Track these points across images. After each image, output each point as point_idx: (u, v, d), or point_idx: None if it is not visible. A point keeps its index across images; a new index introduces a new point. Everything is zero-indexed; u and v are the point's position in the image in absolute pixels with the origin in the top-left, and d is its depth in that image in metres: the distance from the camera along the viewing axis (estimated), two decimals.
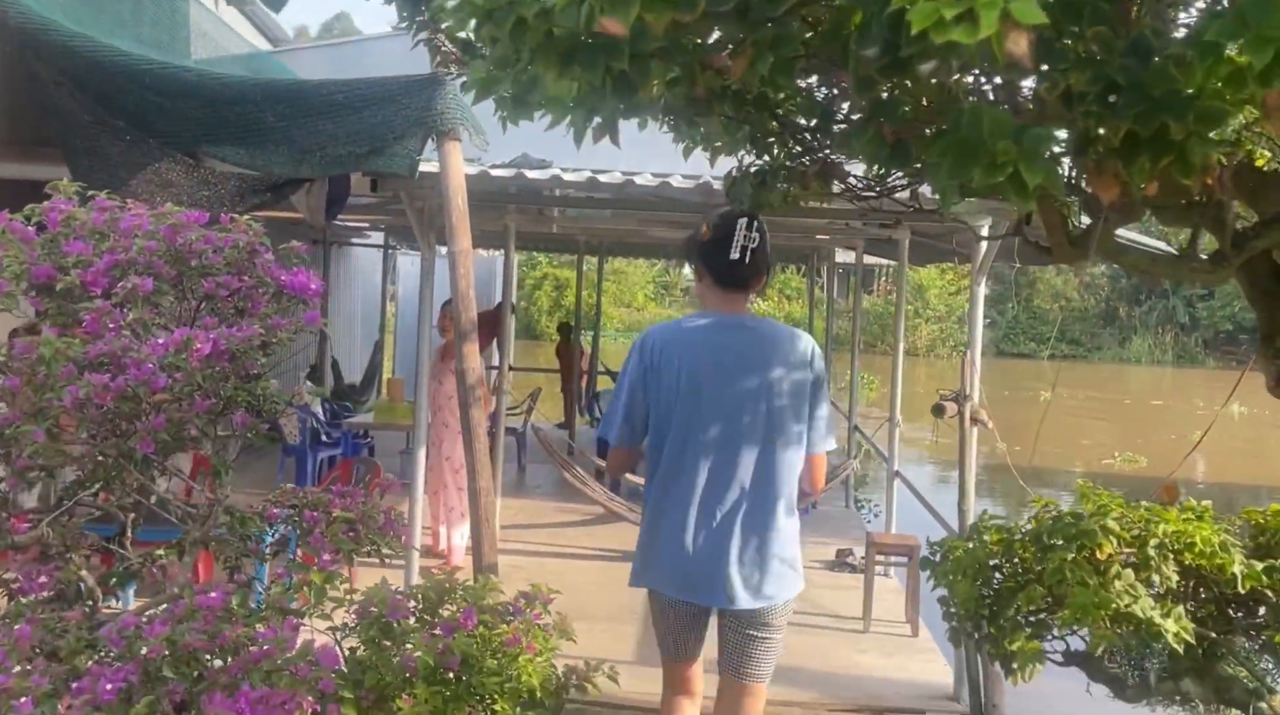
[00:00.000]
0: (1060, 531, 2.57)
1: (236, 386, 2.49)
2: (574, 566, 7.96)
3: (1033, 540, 2.69)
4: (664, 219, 10.42)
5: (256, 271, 2.71)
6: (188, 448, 2.58)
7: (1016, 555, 2.72)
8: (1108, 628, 2.36)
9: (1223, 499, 14.54)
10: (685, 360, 3.05)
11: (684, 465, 3.06)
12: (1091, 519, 2.55)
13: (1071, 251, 2.00)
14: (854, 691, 5.69)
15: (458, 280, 3.73)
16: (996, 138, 1.20)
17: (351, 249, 15.63)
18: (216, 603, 2.26)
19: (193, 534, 2.57)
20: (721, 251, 3.05)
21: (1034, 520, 2.83)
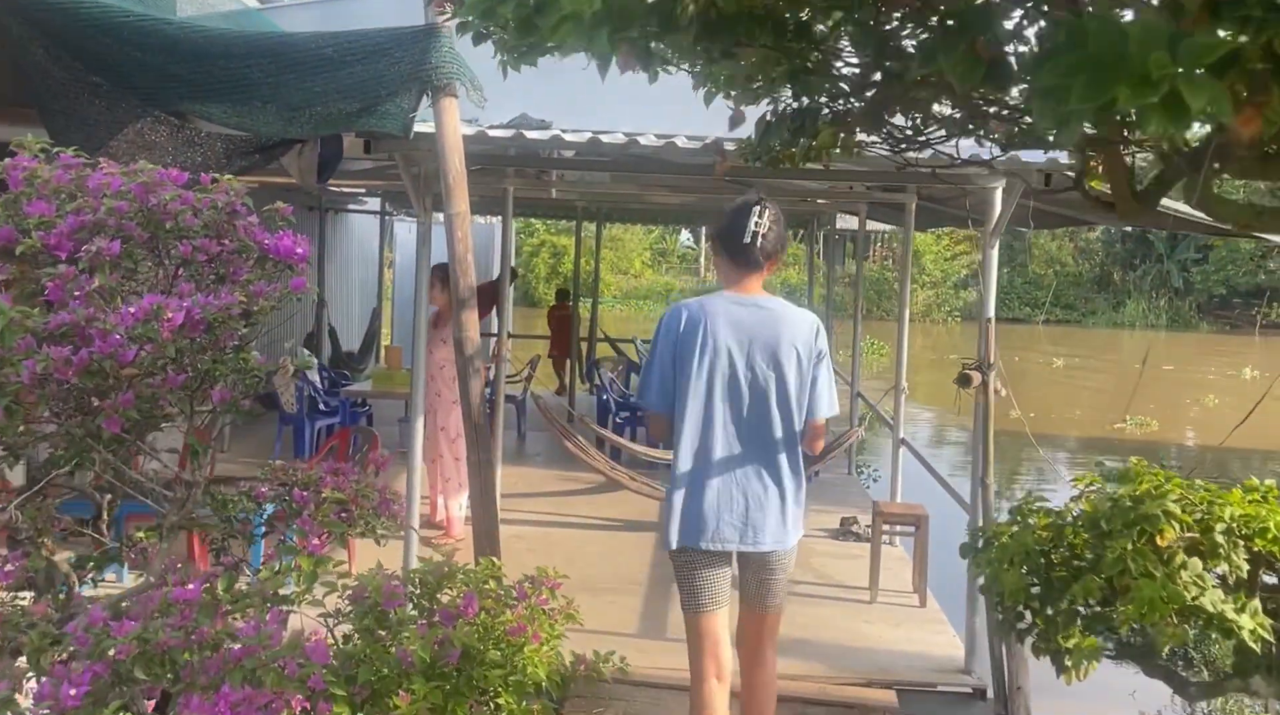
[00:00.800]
0: (1119, 516, 2.38)
1: (215, 359, 2.30)
2: (576, 536, 7.83)
3: (1088, 525, 2.49)
4: (667, 183, 10.20)
5: (238, 234, 2.51)
6: (162, 426, 2.39)
7: (1067, 541, 2.53)
8: (1175, 624, 2.18)
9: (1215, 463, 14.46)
10: (708, 335, 3.45)
11: (706, 430, 3.47)
12: (1152, 502, 2.36)
13: (1135, 206, 1.81)
14: (863, 664, 5.56)
15: (455, 245, 3.53)
16: (1148, 49, 0.98)
17: (348, 216, 15.39)
18: (193, 595, 2.09)
19: (170, 517, 2.39)
20: (736, 235, 3.48)
21: (1083, 501, 2.63)
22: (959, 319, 36.06)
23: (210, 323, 2.21)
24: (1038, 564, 2.47)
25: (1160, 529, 2.27)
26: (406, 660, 2.24)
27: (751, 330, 3.46)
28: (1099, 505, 2.48)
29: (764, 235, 3.48)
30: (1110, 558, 2.29)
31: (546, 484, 9.40)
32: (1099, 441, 15.70)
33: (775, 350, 3.45)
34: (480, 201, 14.00)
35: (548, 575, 2.74)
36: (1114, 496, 2.45)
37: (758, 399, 3.45)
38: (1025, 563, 2.46)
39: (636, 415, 11.04)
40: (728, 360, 3.44)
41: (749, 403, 3.45)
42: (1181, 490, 2.46)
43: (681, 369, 3.47)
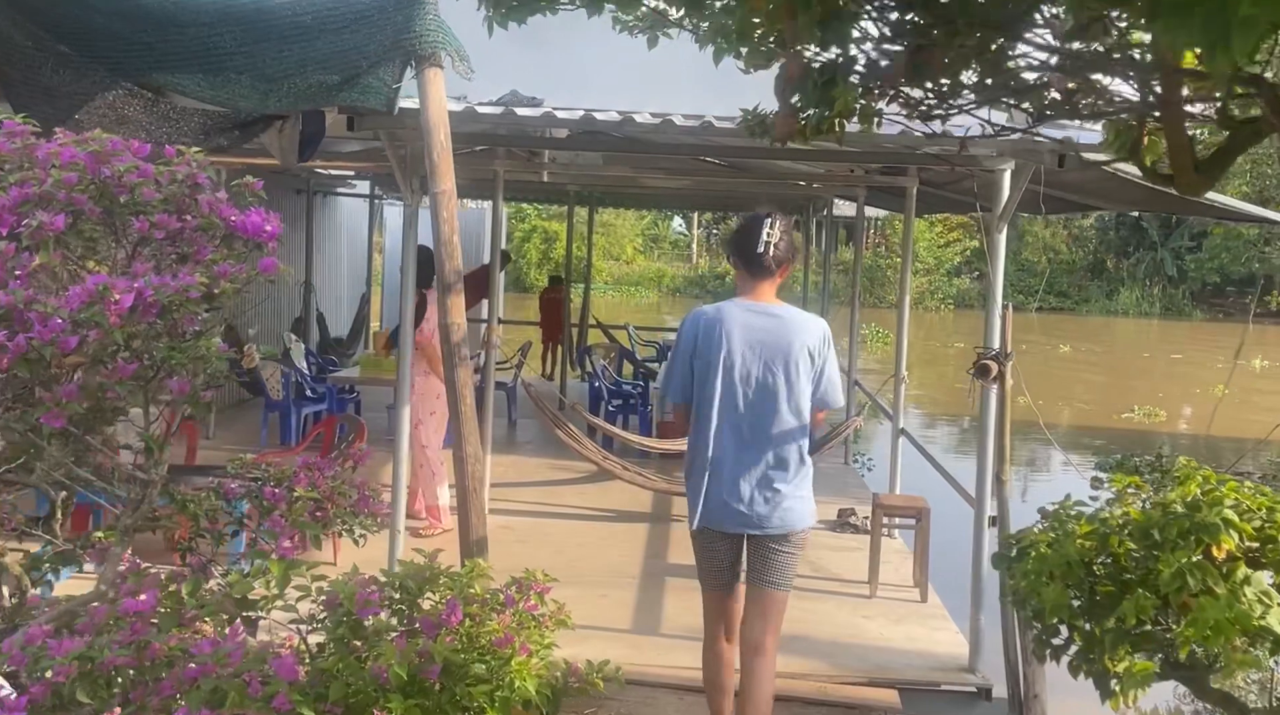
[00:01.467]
0: (1174, 525, 2.18)
1: (171, 347, 2.10)
2: (566, 527, 7.65)
3: (1137, 535, 2.29)
4: (661, 166, 9.99)
5: (201, 210, 2.31)
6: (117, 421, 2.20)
7: (1110, 551, 2.33)
8: (1243, 647, 1.99)
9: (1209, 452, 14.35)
10: (723, 339, 3.77)
11: (721, 425, 3.79)
12: (1209, 509, 2.16)
13: (1196, 179, 1.62)
14: (863, 662, 5.39)
15: (440, 226, 3.33)
16: None
17: (337, 199, 15.14)
18: (146, 606, 1.90)
19: (124, 519, 2.20)
20: (750, 245, 3.80)
21: (1122, 504, 2.43)
22: (951, 306, 35.96)
23: (165, 306, 2.01)
24: (1079, 577, 2.27)
25: (1218, 539, 2.08)
26: (383, 677, 2.05)
27: (763, 336, 3.78)
28: (1150, 513, 2.28)
29: (775, 245, 3.80)
30: (1167, 573, 2.08)
31: (537, 473, 9.21)
32: (1113, 431, 15.56)
33: (786, 354, 3.77)
34: (470, 184, 13.80)
35: (536, 578, 2.55)
36: (1164, 501, 2.26)
37: (768, 397, 3.77)
38: (1066, 576, 2.26)
39: (629, 402, 10.86)
40: (742, 362, 3.77)
41: (760, 401, 3.77)
42: (1236, 494, 2.27)
43: (700, 369, 3.81)
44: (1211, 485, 2.34)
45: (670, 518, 7.92)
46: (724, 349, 3.75)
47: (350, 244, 15.90)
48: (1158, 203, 6.79)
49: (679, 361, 3.86)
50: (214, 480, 2.62)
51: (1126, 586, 2.20)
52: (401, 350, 5.41)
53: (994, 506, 5.05)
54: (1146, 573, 2.18)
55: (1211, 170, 1.62)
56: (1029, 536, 2.49)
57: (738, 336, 3.75)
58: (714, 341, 3.75)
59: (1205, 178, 1.62)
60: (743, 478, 3.75)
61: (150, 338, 2.05)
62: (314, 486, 2.52)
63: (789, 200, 15.07)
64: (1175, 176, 1.66)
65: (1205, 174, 1.62)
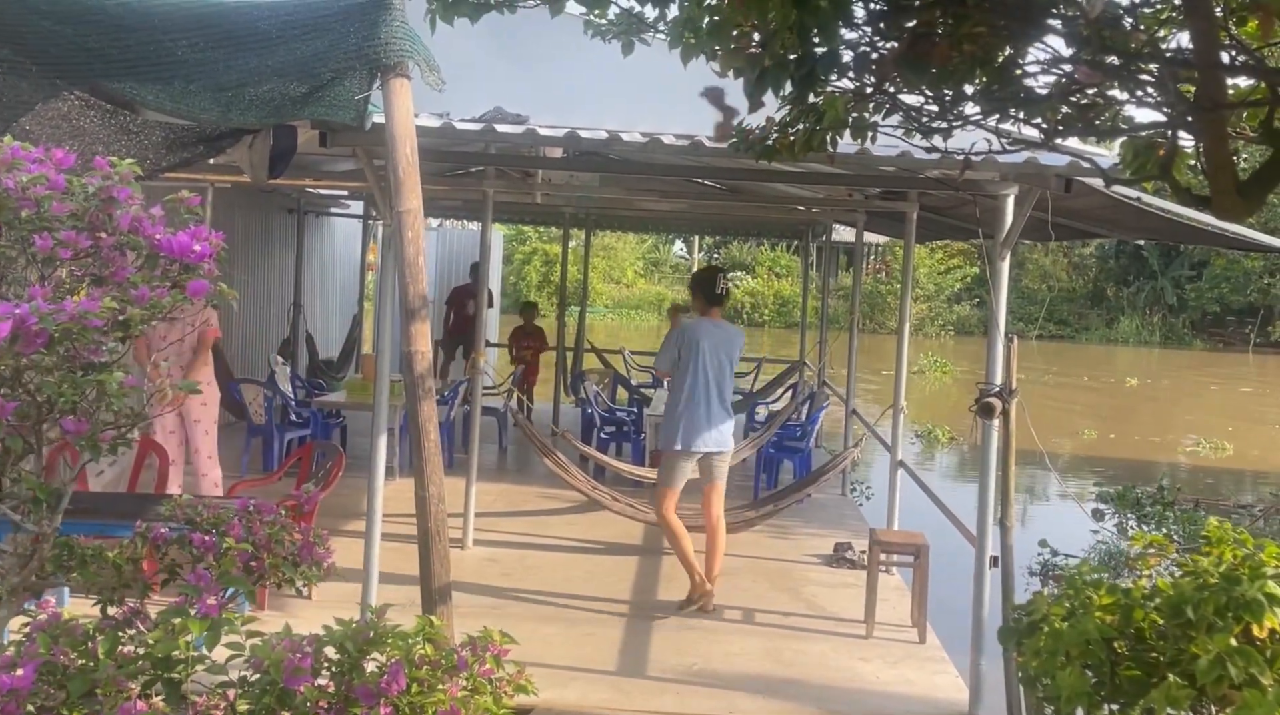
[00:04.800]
0: (1210, 601, 1.91)
1: (63, 380, 1.87)
2: (553, 560, 7.40)
3: (1167, 611, 2.02)
4: (655, 188, 9.80)
5: (118, 227, 2.08)
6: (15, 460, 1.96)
7: (1135, 626, 2.06)
8: None
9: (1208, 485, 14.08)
10: (699, 338, 6.31)
11: (696, 386, 6.28)
12: (1250, 583, 1.90)
13: (1237, 202, 1.41)
14: (856, 708, 5.14)
15: (404, 247, 3.10)
16: None
17: (329, 219, 14.96)
18: (24, 684, 1.66)
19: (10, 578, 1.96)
20: (709, 286, 6.46)
21: (1145, 567, 2.17)
22: (952, 333, 35.77)
23: (56, 336, 1.78)
24: (1101, 657, 2.01)
25: (1262, 618, 1.83)
26: None
27: (716, 337, 6.36)
28: (1181, 585, 2.01)
29: (726, 289, 6.51)
30: (1205, 661, 1.82)
31: (526, 502, 8.96)
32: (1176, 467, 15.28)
33: (726, 348, 6.40)
34: (464, 206, 13.64)
35: (493, 639, 2.31)
36: (1196, 569, 2.00)
37: (719, 371, 6.33)
38: (1085, 655, 2.00)
39: (622, 430, 10.62)
40: (707, 351, 6.30)
41: (715, 373, 6.31)
42: (1278, 561, 2.01)
43: (684, 354, 6.31)
44: (1249, 550, 2.08)
45: (661, 551, 7.66)
46: (696, 345, 6.28)
47: (343, 265, 15.72)
48: (1169, 231, 6.58)
49: (672, 348, 6.39)
50: (142, 524, 2.39)
51: (1154, 669, 1.94)
52: (379, 376, 5.19)
53: (996, 546, 4.81)
54: (1178, 654, 1.92)
55: (1254, 192, 1.41)
56: (1040, 607, 2.22)
57: (705, 339, 6.30)
58: (694, 338, 6.30)
59: (1247, 200, 1.41)
60: (709, 417, 6.27)
61: (42, 371, 1.83)
62: (250, 533, 2.29)
63: (787, 225, 14.90)
64: (1214, 198, 1.44)
65: (1247, 196, 1.40)
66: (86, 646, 2.31)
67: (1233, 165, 1.42)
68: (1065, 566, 8.62)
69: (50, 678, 2.24)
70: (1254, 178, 1.43)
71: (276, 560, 2.28)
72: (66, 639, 2.32)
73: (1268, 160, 1.42)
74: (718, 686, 5.28)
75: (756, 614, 6.43)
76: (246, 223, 11.82)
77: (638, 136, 4.64)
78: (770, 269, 39.95)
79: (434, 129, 4.36)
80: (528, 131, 4.53)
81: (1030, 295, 37.52)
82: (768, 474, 9.71)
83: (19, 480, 1.97)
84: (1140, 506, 11.98)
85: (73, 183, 2.05)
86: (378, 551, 5.09)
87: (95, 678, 2.03)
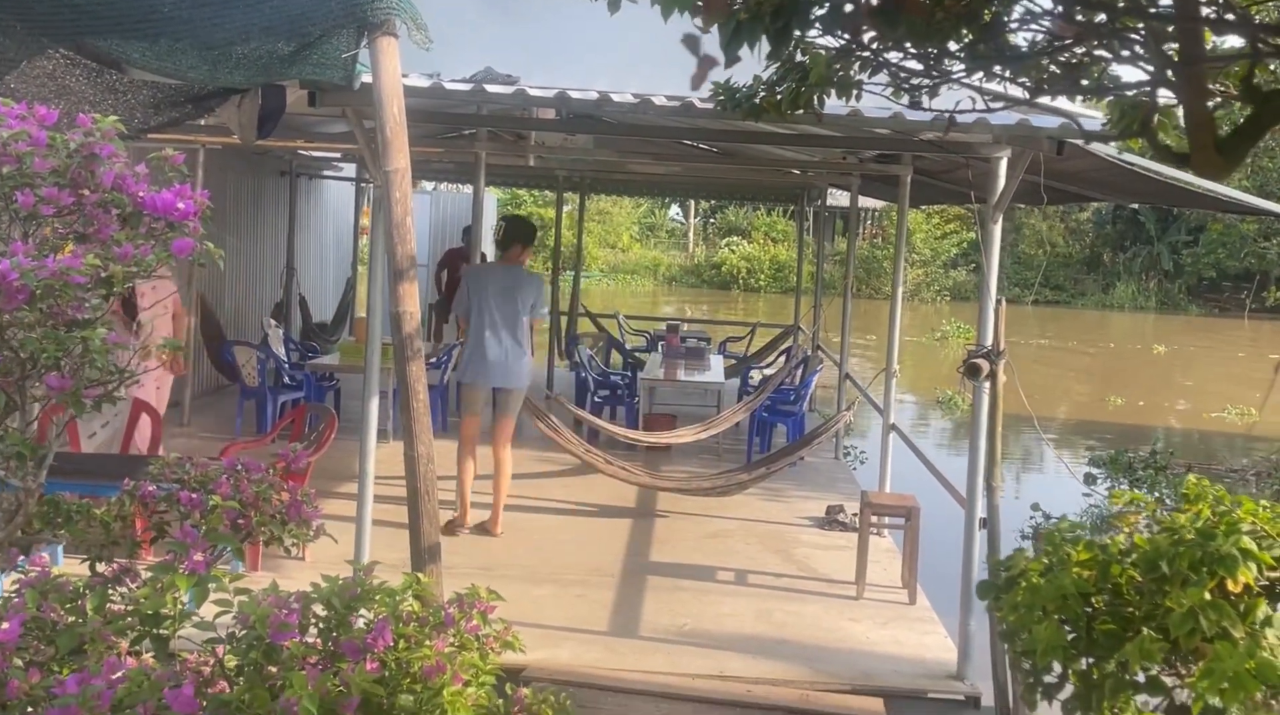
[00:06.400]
0: (1184, 556, 1.93)
1: (45, 337, 1.87)
2: (547, 522, 7.44)
3: (1143, 566, 2.05)
4: (647, 151, 9.75)
5: (100, 184, 2.07)
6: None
7: (1113, 582, 2.08)
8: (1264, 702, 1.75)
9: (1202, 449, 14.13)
10: (485, 282, 6.90)
11: (482, 325, 6.81)
12: (1225, 537, 1.91)
13: (1216, 159, 1.40)
14: (847, 668, 5.18)
15: (393, 207, 3.09)
16: None
17: (322, 182, 14.87)
18: (9, 637, 1.67)
19: None
20: (496, 233, 7.31)
21: (1125, 524, 2.17)
22: (948, 298, 35.75)
23: (38, 292, 1.78)
24: (1077, 612, 2.03)
25: (1236, 573, 1.84)
26: (291, 711, 1.83)
27: (505, 281, 6.90)
28: (1157, 540, 2.03)
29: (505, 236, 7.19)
30: (1178, 614, 1.84)
31: (521, 465, 8.93)
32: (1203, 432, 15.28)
33: (517, 290, 6.85)
34: (457, 169, 13.55)
35: (480, 596, 2.32)
36: (1173, 526, 2.01)
37: (509, 311, 6.81)
38: (1061, 610, 2.02)
39: (616, 393, 10.64)
40: (493, 294, 6.80)
41: (504, 313, 6.80)
42: (1254, 517, 2.03)
43: (471, 298, 6.84)
44: (1226, 506, 2.09)
45: (654, 513, 7.72)
46: (485, 288, 6.82)
47: (337, 228, 15.65)
48: (1162, 194, 6.56)
49: (467, 293, 6.88)
50: (129, 482, 2.40)
51: (1129, 623, 1.96)
52: (370, 334, 5.18)
53: (985, 509, 4.85)
54: (1153, 609, 1.93)
55: (1234, 150, 1.40)
56: (1019, 562, 2.24)
57: (491, 282, 6.87)
58: (481, 284, 6.87)
59: (1227, 158, 1.40)
60: (498, 354, 6.80)
61: (23, 328, 1.83)
62: (238, 492, 2.30)
63: (782, 189, 14.84)
64: (1193, 155, 1.43)
65: (1227, 154, 1.40)
66: (76, 603, 2.32)
67: (1212, 122, 1.41)
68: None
69: (39, 633, 2.26)
70: (1233, 134, 1.42)
71: (264, 518, 2.29)
72: (56, 595, 2.34)
73: (1248, 117, 1.42)
74: (709, 647, 5.34)
75: (748, 575, 6.48)
76: (239, 185, 11.75)
77: (629, 97, 4.61)
78: (766, 234, 39.81)
79: (423, 89, 4.32)
80: (517, 92, 4.49)
81: (1027, 260, 37.45)
82: (761, 437, 9.75)
83: (4, 437, 1.98)
84: (1133, 471, 12.06)
85: (55, 139, 2.04)
86: (370, 513, 5.11)
87: (83, 633, 2.04)
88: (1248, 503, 2.08)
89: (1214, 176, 1.53)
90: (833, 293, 15.37)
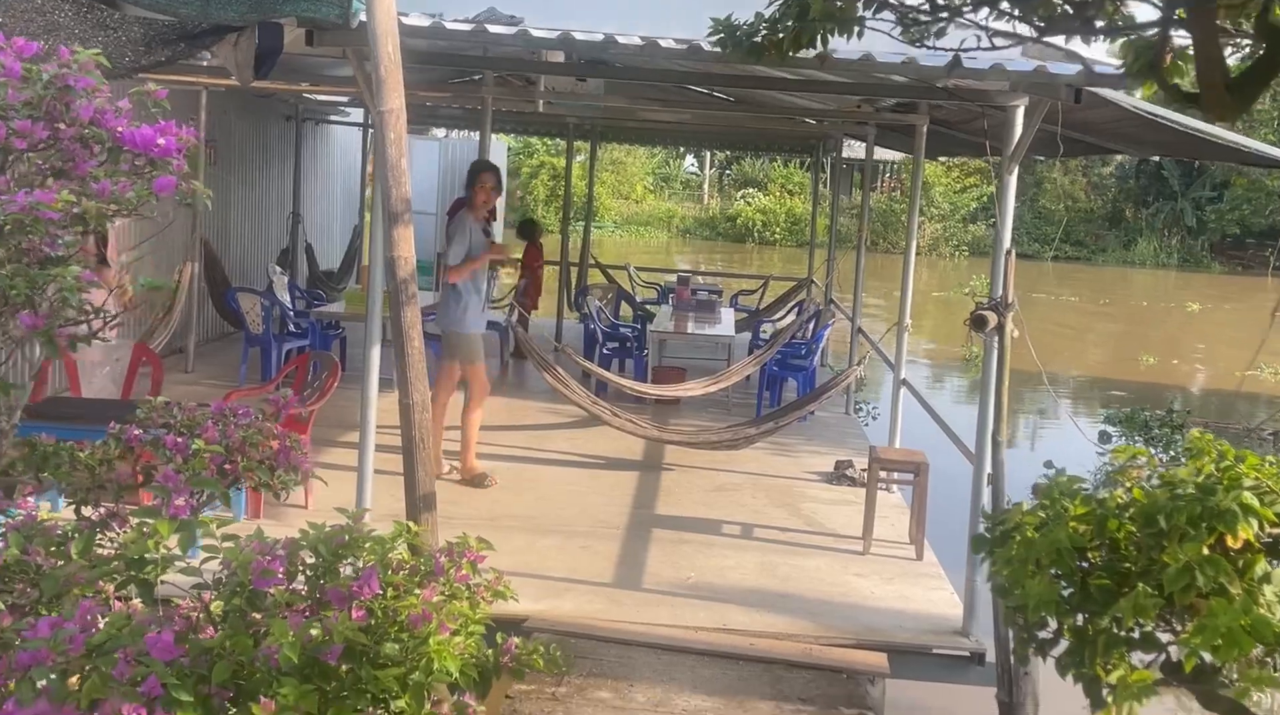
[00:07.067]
0: (1183, 511, 1.87)
1: (16, 273, 1.80)
2: (553, 474, 7.41)
3: (1140, 520, 1.99)
4: (658, 98, 9.57)
5: (77, 118, 1.98)
6: None
7: (1109, 536, 2.02)
8: (1262, 662, 1.69)
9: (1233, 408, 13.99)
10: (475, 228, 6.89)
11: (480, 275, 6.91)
12: (1226, 493, 1.84)
13: (1226, 99, 1.31)
14: (852, 623, 5.16)
15: (387, 148, 3.00)
16: None
17: (329, 128, 14.71)
18: None
19: None
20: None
21: (1125, 479, 2.09)
22: (966, 253, 35.38)
23: (7, 227, 1.70)
24: (1072, 566, 1.96)
25: (1235, 528, 1.77)
26: (272, 659, 1.79)
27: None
28: (1155, 494, 1.96)
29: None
30: (1173, 569, 1.78)
31: (527, 416, 8.96)
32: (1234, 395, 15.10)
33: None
34: (464, 115, 13.36)
35: (469, 546, 2.27)
36: (1173, 479, 1.94)
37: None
38: (1056, 564, 1.95)
39: (625, 346, 10.57)
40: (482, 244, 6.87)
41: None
42: (1258, 472, 1.95)
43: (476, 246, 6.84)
44: (1229, 461, 2.01)
45: (661, 466, 7.68)
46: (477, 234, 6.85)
47: (344, 175, 15.49)
48: (1182, 146, 6.39)
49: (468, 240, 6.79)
50: (115, 426, 2.35)
51: (1125, 579, 1.89)
52: (372, 281, 5.10)
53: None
54: (1149, 564, 1.87)
55: (1245, 89, 1.31)
56: (1015, 516, 2.17)
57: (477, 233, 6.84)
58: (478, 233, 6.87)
59: (1237, 98, 1.31)
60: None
61: None
62: (225, 436, 2.25)
63: (798, 139, 14.60)
64: (1203, 95, 1.34)
65: (1237, 94, 1.30)
66: (62, 547, 2.29)
67: (1223, 61, 1.31)
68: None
69: (24, 575, 2.23)
70: (1245, 74, 1.32)
71: (250, 464, 2.24)
72: (42, 539, 2.30)
73: (1261, 56, 1.32)
74: (712, 600, 5.31)
75: (754, 529, 6.45)
76: (244, 130, 11.62)
77: (635, 40, 4.48)
78: (782, 186, 39.38)
79: (423, 29, 4.20)
80: (520, 33, 4.37)
81: (1048, 215, 36.91)
82: (771, 391, 9.68)
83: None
84: (1148, 429, 11.96)
85: (30, 71, 1.95)
86: (371, 462, 5.07)
87: (68, 577, 2.00)
88: (1252, 458, 2.00)
89: (1224, 117, 1.44)
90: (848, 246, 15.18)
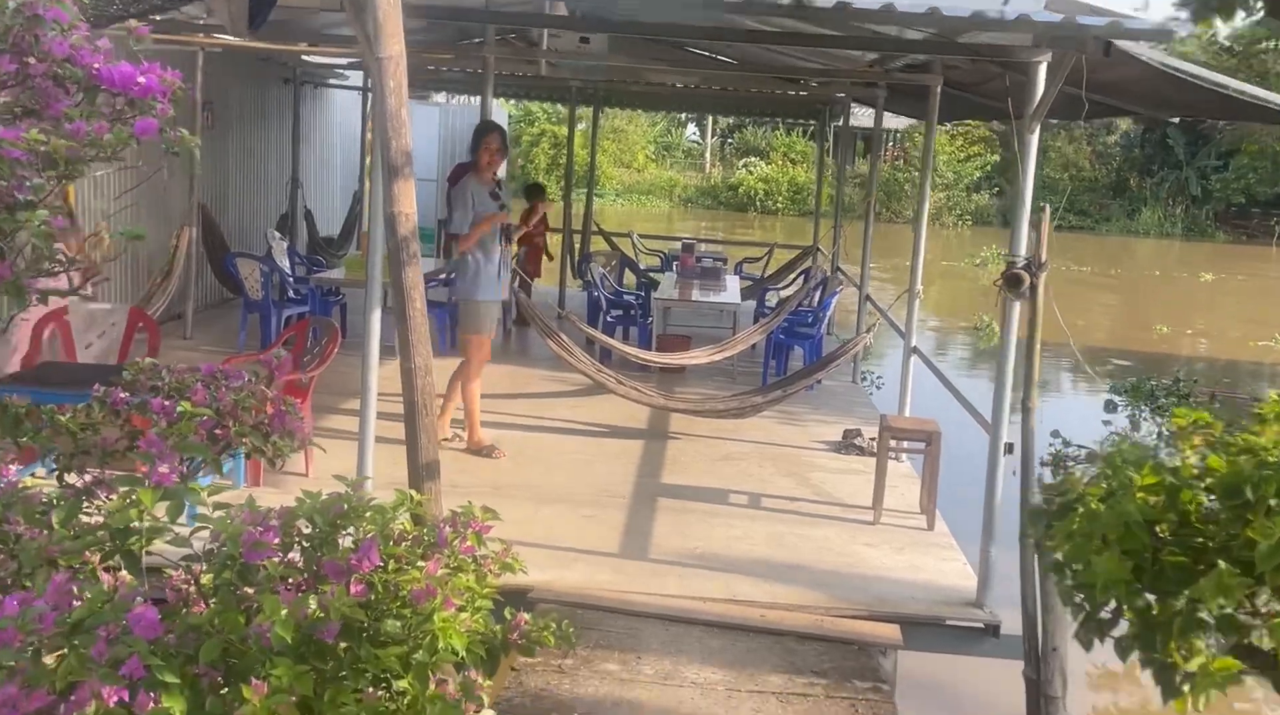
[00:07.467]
0: (1272, 481, 1.68)
1: None
2: (557, 442, 7.29)
3: (1223, 492, 1.82)
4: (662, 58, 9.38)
5: (46, 52, 1.83)
6: None
7: (1181, 509, 1.85)
8: None
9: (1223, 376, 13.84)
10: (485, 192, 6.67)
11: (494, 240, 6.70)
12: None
13: None
14: (863, 594, 5.04)
15: (386, 98, 2.84)
16: None
17: (327, 91, 14.46)
18: None
19: None
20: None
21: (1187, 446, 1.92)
22: (969, 223, 35.14)
23: None
24: (1145, 542, 1.80)
25: None
26: (264, 638, 1.66)
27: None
28: (1239, 463, 1.79)
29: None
30: (1266, 545, 1.62)
31: (531, 384, 8.83)
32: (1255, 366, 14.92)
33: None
34: (465, 80, 13.14)
35: (474, 516, 2.13)
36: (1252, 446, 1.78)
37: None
38: (1124, 541, 1.79)
39: (629, 313, 10.41)
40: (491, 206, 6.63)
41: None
42: None
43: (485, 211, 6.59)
44: None
45: (667, 435, 7.55)
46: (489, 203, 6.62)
47: (344, 140, 15.26)
48: (1210, 106, 6.19)
49: (470, 206, 6.53)
50: (100, 388, 2.21)
51: (1200, 555, 1.74)
52: (372, 245, 4.94)
53: (1012, 432, 4.64)
54: (1229, 539, 1.71)
55: None
56: (1075, 487, 2.00)
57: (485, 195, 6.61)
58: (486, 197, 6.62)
59: None
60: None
61: None
62: (214, 400, 2.11)
63: (803, 104, 14.36)
64: None
65: None
66: (44, 516, 2.15)
67: None
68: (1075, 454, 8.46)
69: (3, 546, 2.09)
70: None
71: (243, 428, 2.10)
72: (22, 507, 2.17)
73: None
74: (719, 569, 5.20)
75: (761, 499, 6.33)
76: (242, 93, 11.40)
77: None
78: (785, 155, 39.04)
79: None
80: None
81: (1051, 184, 36.57)
82: (777, 360, 9.54)
83: None
84: (1155, 398, 11.83)
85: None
86: (373, 429, 4.93)
87: (49, 547, 1.87)
88: None
89: None
90: (852, 215, 14.97)
